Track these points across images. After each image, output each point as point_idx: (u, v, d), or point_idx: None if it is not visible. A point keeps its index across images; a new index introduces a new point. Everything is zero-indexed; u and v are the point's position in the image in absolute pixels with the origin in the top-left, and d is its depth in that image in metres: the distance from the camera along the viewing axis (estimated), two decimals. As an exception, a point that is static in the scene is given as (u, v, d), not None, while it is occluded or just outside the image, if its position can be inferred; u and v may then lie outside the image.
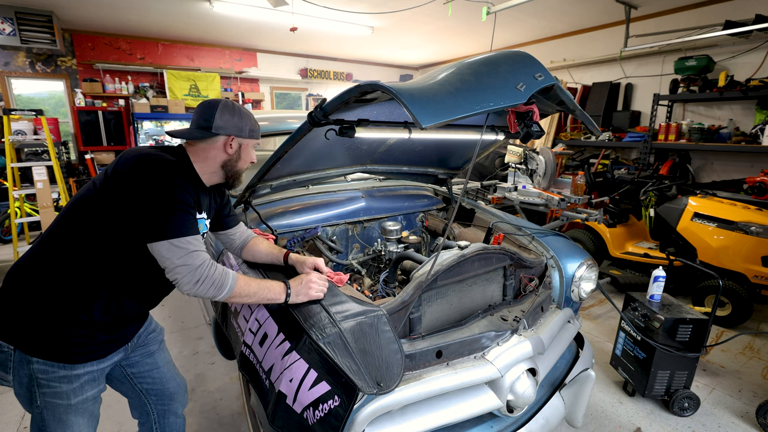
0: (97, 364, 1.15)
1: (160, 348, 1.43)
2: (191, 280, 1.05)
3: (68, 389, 1.11)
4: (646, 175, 4.13)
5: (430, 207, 2.57)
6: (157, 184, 1.04)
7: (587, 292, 1.86)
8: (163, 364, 1.43)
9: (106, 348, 1.16)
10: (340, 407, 1.05)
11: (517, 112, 1.24)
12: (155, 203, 1.03)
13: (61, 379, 1.09)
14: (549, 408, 1.53)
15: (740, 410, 2.22)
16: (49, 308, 1.06)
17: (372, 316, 1.19)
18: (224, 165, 1.24)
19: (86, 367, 1.13)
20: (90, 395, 1.16)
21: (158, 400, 1.43)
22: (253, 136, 1.25)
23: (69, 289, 1.07)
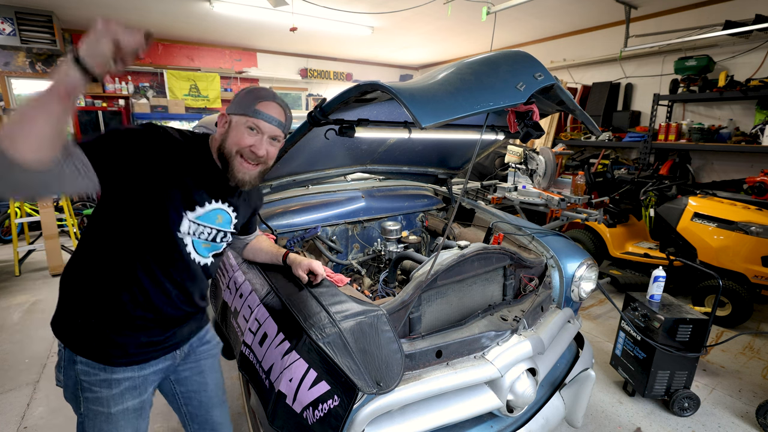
0: (138, 369, 1.08)
1: (212, 366, 1.29)
2: None
3: (108, 395, 1.05)
4: (646, 175, 4.13)
5: (430, 207, 2.57)
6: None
7: (587, 292, 1.86)
8: (213, 386, 1.29)
9: (146, 352, 1.09)
10: (340, 407, 1.05)
11: (516, 112, 1.24)
12: None
13: (102, 383, 1.05)
14: (549, 408, 1.53)
15: (740, 410, 2.22)
16: (87, 302, 1.04)
17: (372, 316, 1.19)
18: (218, 144, 1.08)
19: (126, 372, 1.07)
20: (131, 406, 1.08)
21: (200, 429, 1.31)
22: (240, 111, 1.05)
23: (100, 280, 1.02)
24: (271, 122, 1.07)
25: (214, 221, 1.12)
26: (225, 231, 1.17)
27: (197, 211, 1.07)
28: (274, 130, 1.08)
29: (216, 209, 1.12)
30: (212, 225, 1.11)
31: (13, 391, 2.37)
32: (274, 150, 1.11)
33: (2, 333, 3.04)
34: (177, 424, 2.08)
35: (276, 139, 1.10)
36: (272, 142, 1.09)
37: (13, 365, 2.63)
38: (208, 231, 1.11)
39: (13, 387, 2.41)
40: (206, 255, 1.15)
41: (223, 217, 1.15)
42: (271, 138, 1.08)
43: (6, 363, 2.65)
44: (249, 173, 1.08)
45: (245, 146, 1.05)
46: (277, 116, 1.07)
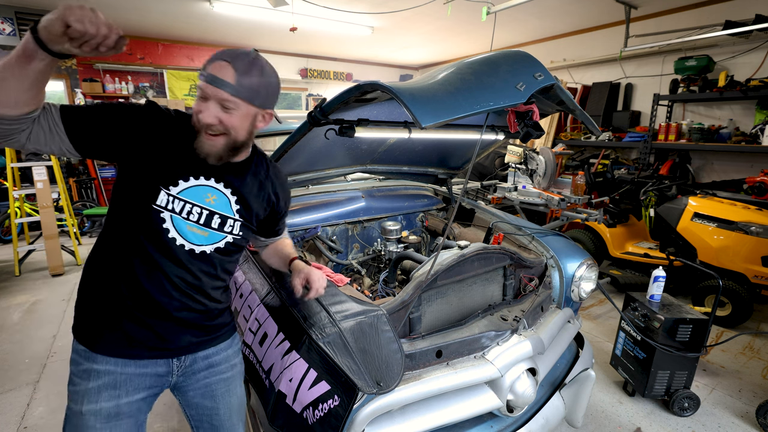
0: (122, 365, 0.99)
1: (226, 391, 1.15)
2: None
3: (84, 389, 0.97)
4: (646, 175, 4.13)
5: (430, 207, 2.57)
6: None
7: (587, 292, 1.86)
8: (225, 411, 1.15)
9: (132, 345, 0.99)
10: (340, 407, 1.05)
11: (516, 112, 1.24)
12: None
13: (83, 373, 0.98)
14: (549, 408, 1.53)
15: (740, 410, 2.22)
16: (88, 281, 1.03)
17: (372, 316, 1.19)
18: None
19: (108, 365, 0.98)
20: (105, 408, 0.97)
21: None
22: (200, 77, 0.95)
23: (99, 259, 1.03)
24: (214, 83, 0.92)
25: (202, 199, 1.01)
26: (224, 215, 1.05)
27: (180, 185, 0.99)
28: (218, 93, 0.91)
29: (204, 186, 1.02)
30: (201, 204, 1.01)
31: (13, 391, 2.38)
32: (229, 117, 0.94)
33: (2, 333, 3.04)
34: (177, 423, 2.08)
35: (227, 105, 0.93)
36: (225, 109, 0.94)
37: (13, 365, 2.63)
38: (198, 211, 1.01)
39: (13, 387, 2.41)
40: (201, 242, 1.02)
41: (216, 198, 1.04)
42: (219, 103, 0.93)
43: (6, 363, 2.66)
44: (210, 144, 0.96)
45: (195, 114, 0.95)
46: (221, 77, 0.92)
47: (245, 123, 0.98)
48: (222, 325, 1.15)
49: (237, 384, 1.18)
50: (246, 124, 0.99)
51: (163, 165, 0.98)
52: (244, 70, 0.94)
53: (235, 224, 1.08)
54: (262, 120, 1.03)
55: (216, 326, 1.12)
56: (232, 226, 1.07)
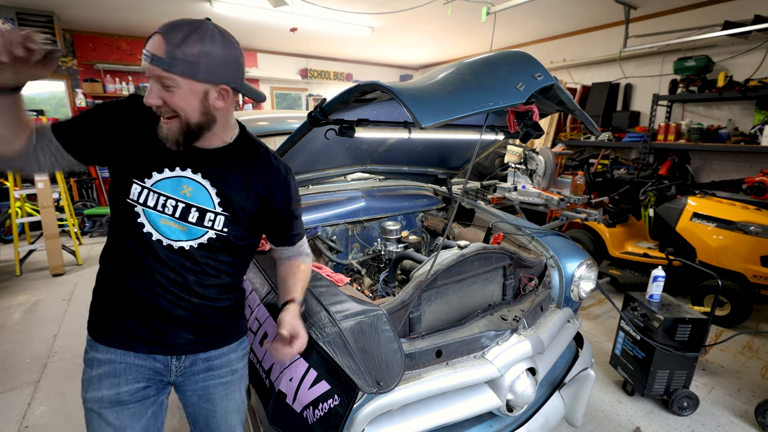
0: (121, 355, 0.99)
1: (224, 395, 1.11)
2: None
3: (88, 377, 1.00)
4: (645, 175, 4.13)
5: (430, 207, 2.58)
6: None
7: (587, 292, 1.86)
8: (222, 414, 1.12)
9: (129, 338, 0.99)
10: (340, 406, 1.06)
11: (516, 112, 1.25)
12: None
13: (89, 361, 1.01)
14: (548, 407, 1.53)
15: (739, 409, 2.22)
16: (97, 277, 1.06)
17: (372, 316, 1.20)
18: None
19: (108, 354, 0.99)
20: (107, 396, 0.97)
21: None
22: None
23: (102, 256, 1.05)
24: (146, 60, 0.83)
25: (177, 192, 0.95)
26: (202, 208, 0.97)
27: (154, 177, 0.94)
28: (153, 70, 0.83)
29: (179, 177, 0.95)
30: (176, 196, 0.95)
31: (14, 390, 2.38)
32: (171, 96, 0.85)
33: (3, 333, 3.04)
34: (177, 423, 2.08)
35: (166, 83, 0.84)
36: (166, 88, 0.85)
37: (14, 365, 2.63)
38: (173, 203, 0.95)
39: (14, 386, 2.41)
40: (179, 238, 0.96)
41: (193, 189, 0.96)
42: (159, 82, 0.85)
43: (7, 363, 2.66)
44: (166, 128, 0.90)
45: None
46: (154, 51, 0.82)
47: (192, 102, 0.87)
48: (222, 327, 1.09)
49: (236, 389, 1.14)
50: (195, 103, 0.87)
51: (137, 157, 0.95)
52: (179, 41, 0.83)
53: (217, 218, 0.99)
54: (220, 98, 0.91)
55: (214, 327, 1.07)
56: (213, 220, 0.99)
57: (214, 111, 0.92)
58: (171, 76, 0.83)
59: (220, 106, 0.92)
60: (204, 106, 0.90)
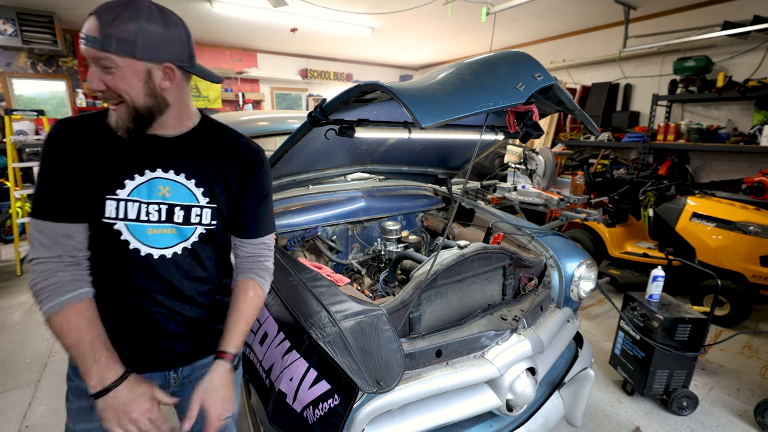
0: None
1: None
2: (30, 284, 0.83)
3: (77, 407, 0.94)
4: (645, 175, 4.13)
5: (430, 207, 2.58)
6: None
7: (586, 292, 1.86)
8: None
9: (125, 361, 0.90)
10: (340, 406, 1.06)
11: (516, 112, 1.25)
12: None
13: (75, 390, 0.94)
14: (548, 407, 1.53)
15: (739, 409, 2.22)
16: None
17: (372, 316, 1.20)
18: None
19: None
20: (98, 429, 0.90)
21: None
22: None
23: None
24: (82, 43, 0.79)
25: (155, 194, 0.89)
26: (186, 205, 0.92)
27: (128, 186, 0.87)
28: (90, 52, 0.79)
29: (152, 180, 0.89)
30: (156, 200, 0.89)
31: (15, 390, 2.38)
32: (113, 79, 0.81)
33: (3, 332, 3.04)
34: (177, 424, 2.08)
35: (104, 64, 0.79)
36: (106, 70, 0.80)
37: (14, 365, 2.63)
38: (155, 208, 0.89)
39: (15, 386, 2.41)
40: (169, 243, 0.91)
41: (170, 188, 0.91)
42: (98, 64, 0.80)
43: (7, 362, 2.66)
44: (115, 116, 0.85)
45: None
46: (88, 32, 0.78)
47: (135, 83, 0.82)
48: (219, 331, 1.02)
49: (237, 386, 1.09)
50: (138, 84, 0.82)
51: (103, 172, 0.87)
52: (112, 18, 0.78)
53: (203, 212, 0.94)
54: (166, 78, 0.85)
55: (211, 333, 1.02)
56: (199, 215, 0.94)
57: (162, 92, 0.86)
58: (107, 56, 0.78)
59: (167, 87, 0.86)
60: (149, 88, 0.83)
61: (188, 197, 0.93)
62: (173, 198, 0.91)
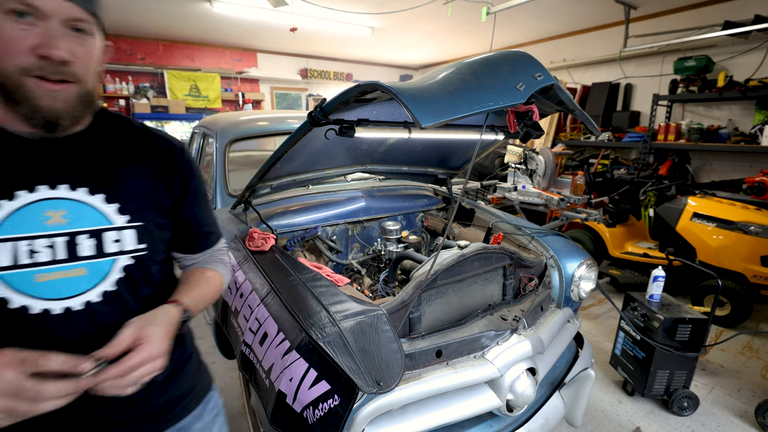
0: None
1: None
2: None
3: None
4: (645, 175, 4.13)
5: (430, 207, 2.57)
6: None
7: (587, 292, 1.86)
8: None
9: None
10: (340, 406, 1.06)
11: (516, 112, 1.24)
12: None
13: None
14: (548, 407, 1.53)
15: (739, 409, 2.22)
16: None
17: (372, 316, 1.20)
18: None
19: None
20: None
21: None
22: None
23: None
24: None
25: (41, 225, 0.62)
26: (95, 230, 0.66)
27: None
28: (66, 7, 0.58)
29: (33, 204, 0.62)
30: (43, 231, 0.62)
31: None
32: (84, 50, 0.61)
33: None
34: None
35: (80, 28, 0.60)
36: (76, 35, 0.60)
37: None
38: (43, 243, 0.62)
39: (14, 387, 2.41)
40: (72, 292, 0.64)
41: (67, 211, 0.64)
42: (67, 25, 0.59)
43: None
44: (59, 96, 0.60)
45: (24, 51, 0.56)
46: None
47: (94, 59, 0.64)
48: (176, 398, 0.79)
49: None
50: (94, 62, 0.64)
51: None
52: None
53: (123, 235, 0.68)
54: (108, 51, 0.69)
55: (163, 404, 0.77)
56: (118, 239, 0.68)
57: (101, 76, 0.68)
58: (89, 18, 0.61)
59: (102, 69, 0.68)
60: (99, 68, 0.66)
61: (96, 218, 0.66)
62: (73, 224, 0.64)
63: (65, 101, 0.61)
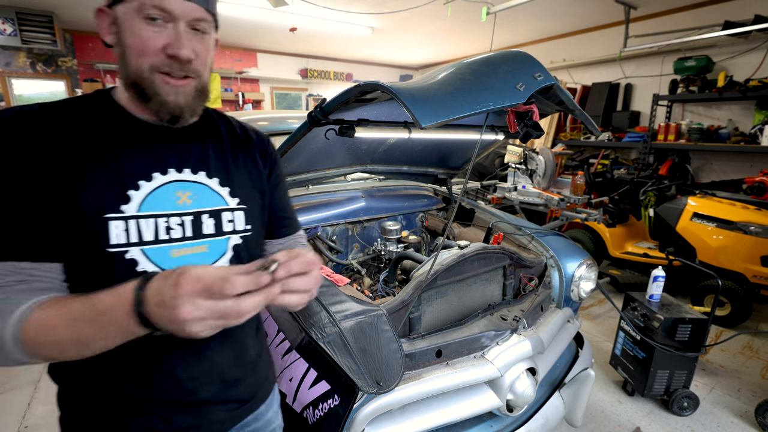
0: None
1: None
2: None
3: None
4: (645, 175, 4.13)
5: (430, 207, 2.57)
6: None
7: (587, 292, 1.86)
8: None
9: None
10: (340, 406, 1.06)
11: (516, 112, 1.24)
12: None
13: None
14: (548, 407, 1.53)
15: (739, 410, 2.22)
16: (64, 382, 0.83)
17: (372, 316, 1.20)
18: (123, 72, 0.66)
19: None
20: None
21: None
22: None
23: None
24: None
25: (173, 204, 0.68)
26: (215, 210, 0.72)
27: (134, 198, 0.65)
28: (193, 9, 0.63)
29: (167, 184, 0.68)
30: (176, 210, 0.68)
31: (15, 390, 2.38)
32: (203, 48, 0.67)
33: (2, 333, 3.04)
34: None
35: (201, 28, 0.66)
36: (197, 35, 0.66)
37: (13, 365, 2.63)
38: (177, 221, 0.68)
39: (15, 386, 2.41)
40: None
41: (191, 192, 0.70)
42: (191, 26, 0.64)
43: (6, 363, 2.66)
44: (181, 92, 0.66)
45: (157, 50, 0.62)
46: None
47: (212, 51, 0.71)
48: (257, 383, 0.84)
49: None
50: (212, 53, 0.71)
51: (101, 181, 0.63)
52: None
53: (235, 216, 0.75)
54: (217, 45, 0.73)
55: (249, 388, 0.82)
56: (232, 220, 0.74)
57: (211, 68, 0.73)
58: (209, 17, 0.67)
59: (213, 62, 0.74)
60: (212, 60, 0.72)
61: (215, 199, 0.73)
62: (197, 204, 0.71)
63: (186, 95, 0.67)
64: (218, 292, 0.49)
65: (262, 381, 0.87)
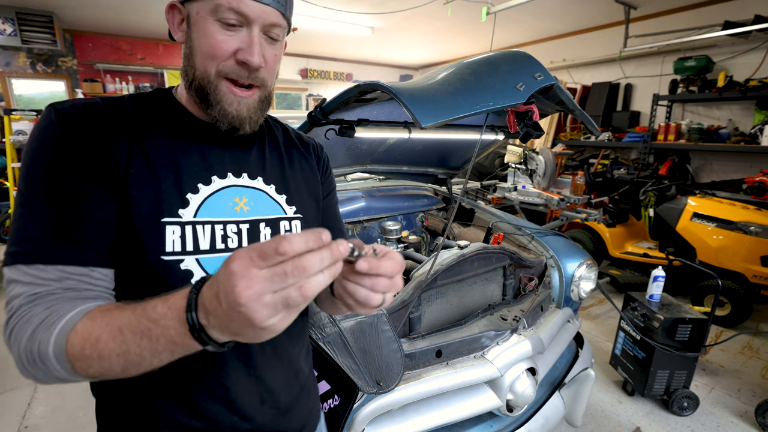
0: None
1: None
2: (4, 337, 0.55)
3: None
4: (645, 175, 4.13)
5: (430, 207, 2.57)
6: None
7: (587, 292, 1.86)
8: None
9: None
10: (340, 406, 1.06)
11: (516, 112, 1.25)
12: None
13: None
14: (548, 407, 1.53)
15: (739, 410, 2.22)
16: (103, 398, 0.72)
17: (372, 316, 1.19)
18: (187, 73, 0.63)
19: None
20: None
21: None
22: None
23: None
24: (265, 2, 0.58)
25: (231, 211, 0.64)
26: (272, 219, 0.68)
27: (192, 202, 0.61)
28: (270, 14, 0.59)
29: (224, 189, 0.64)
30: (233, 218, 0.64)
31: (15, 390, 2.38)
32: (273, 56, 0.63)
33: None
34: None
35: (274, 35, 0.62)
36: (269, 42, 0.62)
37: (14, 364, 2.63)
38: (234, 229, 0.64)
39: (15, 386, 2.41)
40: None
41: (249, 199, 0.67)
42: (265, 32, 0.61)
43: (7, 362, 2.66)
44: (244, 102, 0.63)
45: (227, 55, 0.59)
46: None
47: (281, 59, 0.67)
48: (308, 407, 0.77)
49: None
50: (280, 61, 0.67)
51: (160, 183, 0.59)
52: None
53: (292, 226, 0.71)
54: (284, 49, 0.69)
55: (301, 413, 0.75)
56: (289, 229, 0.70)
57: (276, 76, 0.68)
58: (283, 24, 0.62)
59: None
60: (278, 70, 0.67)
61: (273, 207, 0.69)
62: (254, 212, 0.66)
63: (249, 107, 0.64)
64: (273, 251, 0.38)
65: (312, 408, 0.80)
